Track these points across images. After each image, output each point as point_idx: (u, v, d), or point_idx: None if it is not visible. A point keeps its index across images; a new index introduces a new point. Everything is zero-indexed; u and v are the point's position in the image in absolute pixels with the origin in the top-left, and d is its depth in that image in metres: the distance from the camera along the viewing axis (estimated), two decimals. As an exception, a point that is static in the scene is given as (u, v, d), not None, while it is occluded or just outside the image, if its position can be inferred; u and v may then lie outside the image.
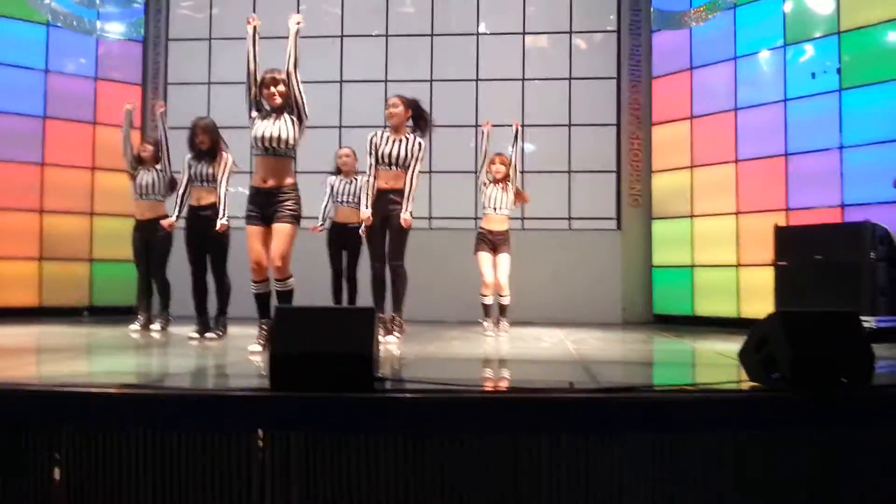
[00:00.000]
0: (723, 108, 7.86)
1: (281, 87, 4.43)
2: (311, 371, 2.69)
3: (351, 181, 6.44)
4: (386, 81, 8.71)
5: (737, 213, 7.69)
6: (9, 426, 2.68)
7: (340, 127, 8.68)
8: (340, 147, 6.88)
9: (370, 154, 5.44)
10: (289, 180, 4.48)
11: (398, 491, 2.62)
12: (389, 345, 5.03)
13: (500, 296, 6.38)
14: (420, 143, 5.44)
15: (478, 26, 8.87)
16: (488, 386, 3.32)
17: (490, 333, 6.26)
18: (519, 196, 6.42)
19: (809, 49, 7.16)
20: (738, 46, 7.75)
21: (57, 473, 2.67)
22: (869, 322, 5.40)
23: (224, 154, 5.68)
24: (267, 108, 4.50)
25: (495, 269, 6.27)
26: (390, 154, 5.38)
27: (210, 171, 5.65)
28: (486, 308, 6.42)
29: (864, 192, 6.61)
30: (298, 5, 8.97)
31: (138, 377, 3.56)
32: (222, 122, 8.77)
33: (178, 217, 5.79)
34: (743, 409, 2.81)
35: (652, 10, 8.58)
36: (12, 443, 2.67)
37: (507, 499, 2.60)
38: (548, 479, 2.60)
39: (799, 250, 6.15)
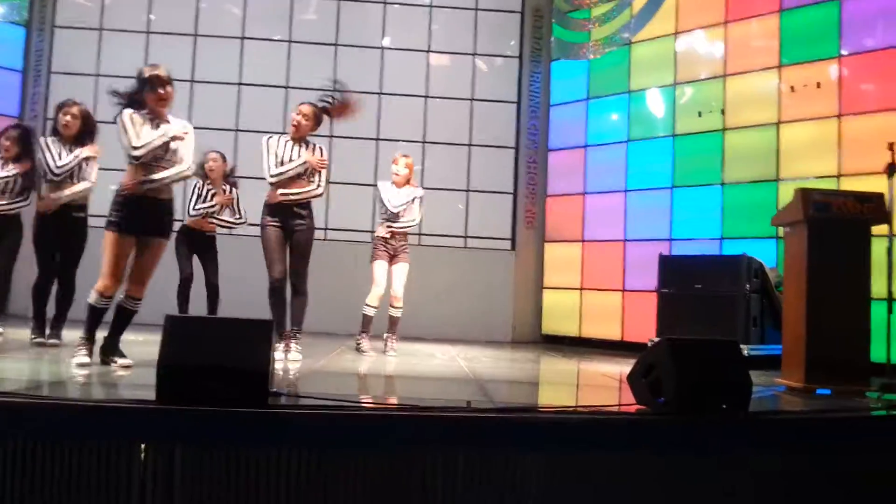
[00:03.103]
0: (616, 140, 8.18)
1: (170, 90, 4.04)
2: (201, 384, 2.57)
3: (214, 192, 5.94)
4: (287, 87, 8.56)
5: (624, 241, 8.00)
6: None
7: (237, 130, 8.45)
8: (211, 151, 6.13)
9: (268, 156, 5.04)
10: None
11: (288, 509, 2.53)
12: (294, 362, 4.77)
13: (392, 307, 5.98)
14: (322, 149, 5.14)
15: (382, 39, 8.87)
16: (384, 402, 3.28)
17: (370, 353, 5.76)
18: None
19: (697, 89, 7.58)
20: (631, 81, 8.10)
21: None
22: (742, 350, 5.72)
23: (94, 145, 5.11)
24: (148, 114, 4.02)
25: (391, 279, 5.91)
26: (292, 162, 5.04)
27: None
28: (368, 320, 5.89)
29: (741, 226, 7.03)
30: (198, 3, 8.70)
31: (7, 383, 3.29)
32: (107, 116, 8.40)
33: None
34: (631, 430, 2.90)
35: (552, 39, 8.86)
36: None
37: (401, 518, 2.56)
38: (443, 496, 2.59)
39: (681, 279, 6.45)
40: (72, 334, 5.16)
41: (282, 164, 5.03)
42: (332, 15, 8.81)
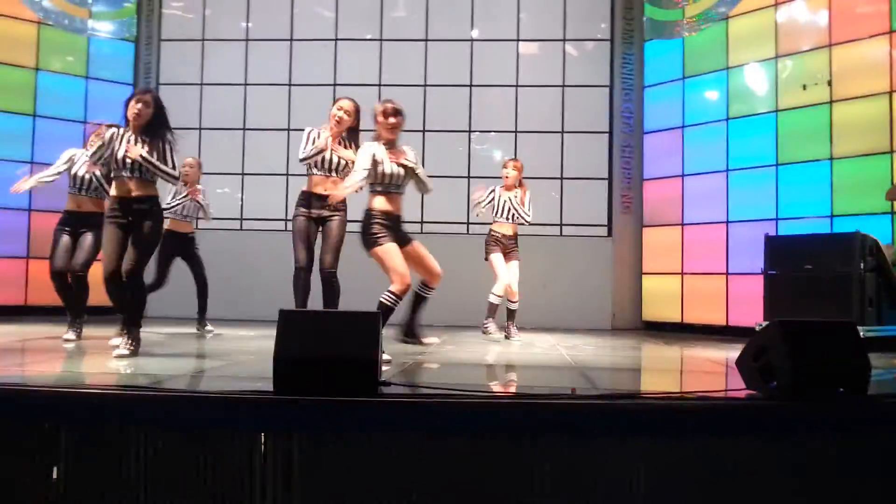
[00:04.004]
0: (714, 119, 7.93)
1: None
2: (315, 375, 2.69)
3: (186, 195, 6.28)
4: (380, 86, 8.72)
5: (726, 222, 7.76)
6: (9, 425, 2.66)
7: (333, 130, 8.67)
8: None
9: (305, 142, 4.93)
10: None
11: (401, 494, 2.62)
12: None
13: (511, 301, 6.40)
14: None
15: (471, 32, 8.90)
16: (491, 390, 3.33)
17: (497, 336, 6.24)
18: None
19: (801, 61, 7.25)
20: (730, 57, 7.83)
21: (55, 472, 2.66)
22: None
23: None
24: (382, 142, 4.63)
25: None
26: (331, 160, 4.88)
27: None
28: (493, 308, 6.36)
29: (853, 202, 6.70)
30: (292, 9, 8.98)
31: (137, 378, 3.53)
32: (214, 123, 8.88)
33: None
34: (741, 416, 2.83)
35: (644, 18, 8.66)
36: (12, 442, 2.65)
37: (510, 501, 2.60)
38: (551, 482, 2.61)
39: (789, 260, 6.21)
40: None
41: (320, 161, 4.89)
42: (422, 10, 8.92)
